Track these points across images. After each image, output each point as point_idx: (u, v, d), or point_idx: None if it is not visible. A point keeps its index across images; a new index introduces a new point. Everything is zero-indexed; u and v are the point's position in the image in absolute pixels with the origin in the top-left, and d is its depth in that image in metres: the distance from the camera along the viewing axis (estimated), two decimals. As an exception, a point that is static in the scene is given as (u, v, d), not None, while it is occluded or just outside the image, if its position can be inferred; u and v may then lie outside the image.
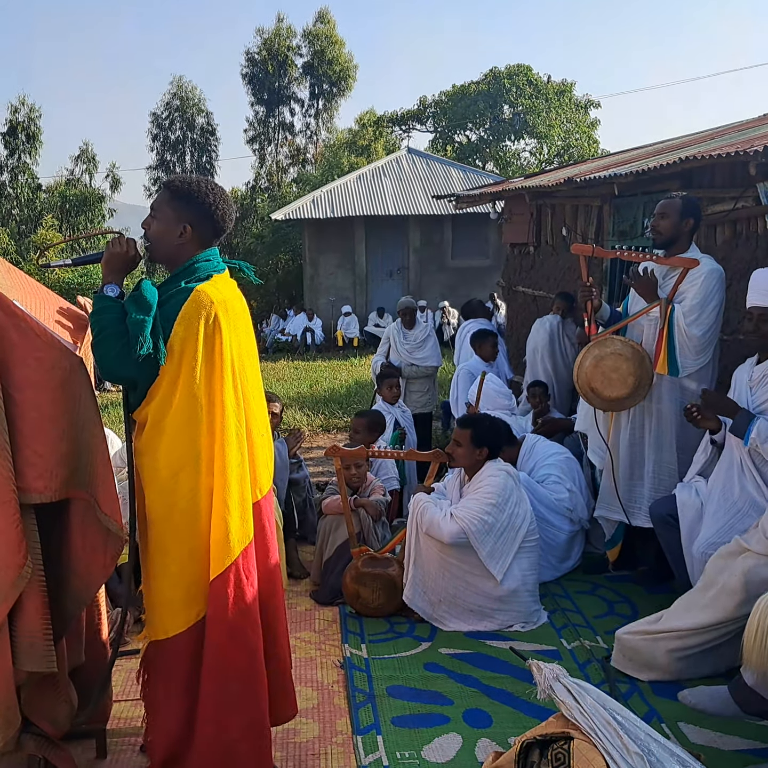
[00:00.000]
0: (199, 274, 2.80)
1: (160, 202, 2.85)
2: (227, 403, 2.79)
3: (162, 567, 2.83)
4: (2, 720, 2.72)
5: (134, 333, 2.63)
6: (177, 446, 2.75)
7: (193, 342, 2.71)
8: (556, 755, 2.85)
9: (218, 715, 2.83)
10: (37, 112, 32.87)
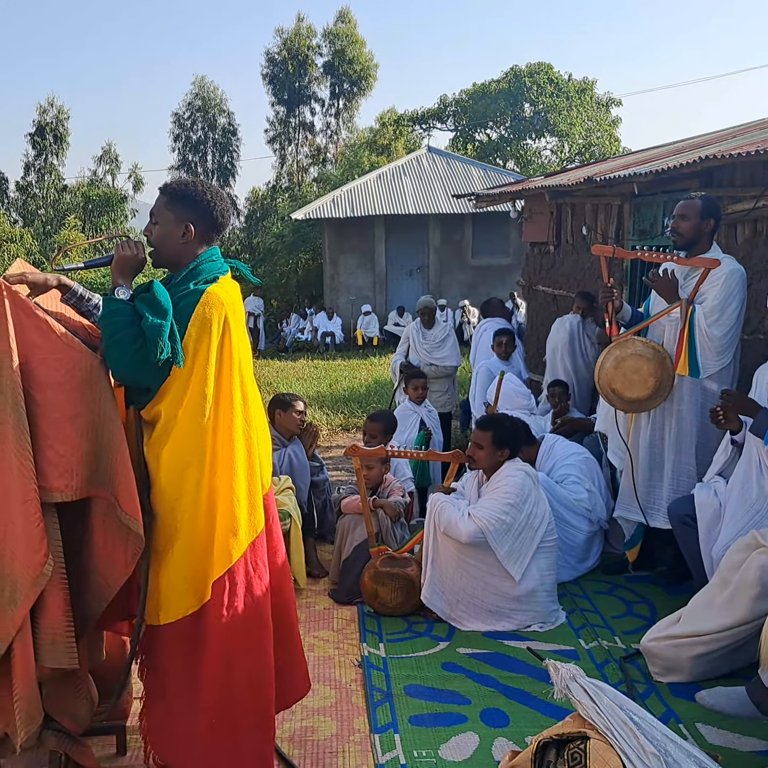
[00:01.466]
0: (206, 275, 2.85)
1: (159, 207, 2.88)
2: (235, 401, 2.86)
3: (165, 555, 2.87)
4: (24, 715, 2.76)
5: (152, 337, 2.66)
6: (185, 443, 2.80)
7: (206, 343, 2.77)
8: (572, 755, 2.86)
9: (222, 704, 2.87)
10: (66, 114, 33.19)
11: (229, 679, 2.88)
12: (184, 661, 2.90)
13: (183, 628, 2.88)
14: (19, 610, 2.68)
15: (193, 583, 2.86)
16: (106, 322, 2.76)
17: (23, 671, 2.73)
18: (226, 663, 2.87)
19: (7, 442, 2.64)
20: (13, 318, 2.65)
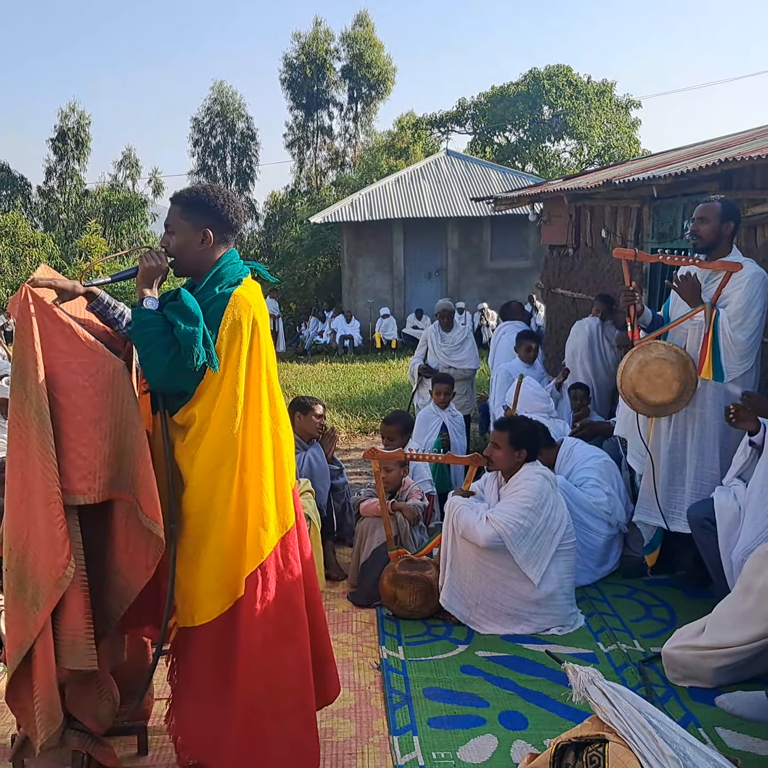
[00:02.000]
0: (229, 278, 2.92)
1: (174, 217, 2.94)
2: (263, 399, 2.94)
3: (197, 557, 2.91)
4: (45, 716, 2.79)
5: (187, 344, 2.72)
6: (218, 443, 2.86)
7: (237, 345, 2.84)
8: (591, 758, 2.86)
9: (257, 697, 2.92)
10: (87, 119, 33.48)
11: (264, 672, 2.93)
12: (218, 660, 2.94)
13: (217, 627, 2.93)
14: (41, 612, 2.72)
15: (226, 581, 2.91)
16: (139, 333, 2.82)
17: (44, 672, 2.77)
18: (261, 656, 2.93)
19: (32, 445, 2.68)
20: (38, 323, 2.70)
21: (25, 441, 2.69)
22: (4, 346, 12.47)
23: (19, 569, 2.76)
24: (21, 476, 2.72)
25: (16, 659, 2.78)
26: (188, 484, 2.90)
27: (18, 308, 2.71)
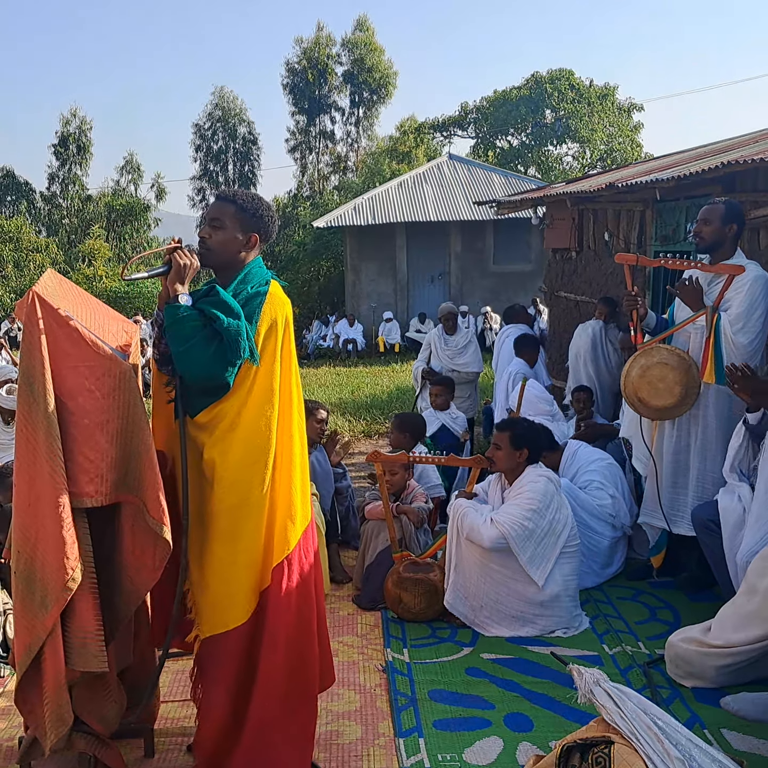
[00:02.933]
0: (259, 279, 3.01)
1: (226, 214, 2.98)
2: (293, 395, 3.05)
3: (233, 555, 2.94)
4: (54, 718, 2.81)
5: (232, 338, 2.79)
6: (252, 439, 2.91)
7: (273, 341, 2.93)
8: (596, 759, 2.86)
9: (277, 685, 2.98)
10: (88, 124, 33.54)
11: (286, 661, 2.99)
12: (249, 655, 2.98)
13: (249, 623, 2.97)
14: (49, 614, 2.74)
15: (257, 578, 2.96)
16: (177, 329, 2.84)
17: (53, 674, 2.78)
18: (284, 646, 2.99)
19: (39, 449, 2.70)
20: (45, 327, 2.71)
21: (33, 444, 2.71)
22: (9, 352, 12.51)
23: (28, 572, 2.77)
24: (29, 479, 2.74)
25: (25, 661, 2.80)
26: (221, 481, 2.91)
27: (25, 312, 2.72)
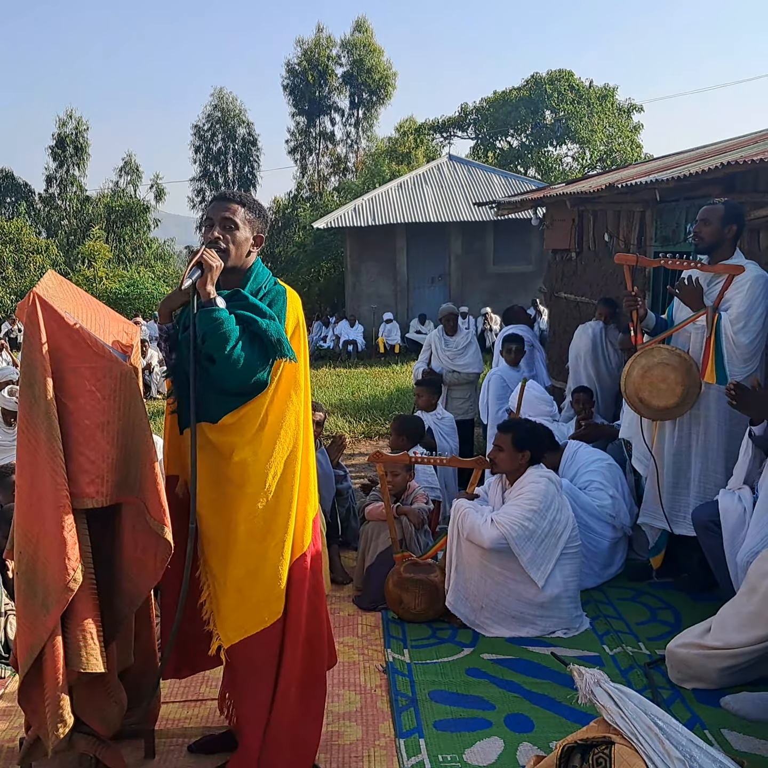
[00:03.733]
0: (267, 279, 3.05)
1: (237, 215, 2.96)
2: (308, 392, 3.10)
3: (263, 554, 2.96)
4: (56, 719, 2.80)
5: (274, 338, 2.82)
6: (281, 435, 2.94)
7: (296, 337, 2.98)
8: (597, 760, 2.86)
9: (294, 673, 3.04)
10: (85, 125, 33.52)
11: (305, 649, 3.06)
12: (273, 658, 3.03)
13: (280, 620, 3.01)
14: (51, 615, 2.74)
15: (286, 571, 3.00)
16: (223, 331, 2.78)
17: (54, 675, 2.78)
18: (303, 635, 3.05)
19: (40, 449, 2.70)
20: (45, 328, 2.72)
21: (34, 445, 2.71)
22: (10, 353, 12.52)
23: (30, 572, 2.77)
24: (30, 480, 2.74)
25: (27, 662, 2.80)
26: (253, 481, 2.91)
27: (26, 314, 2.73)
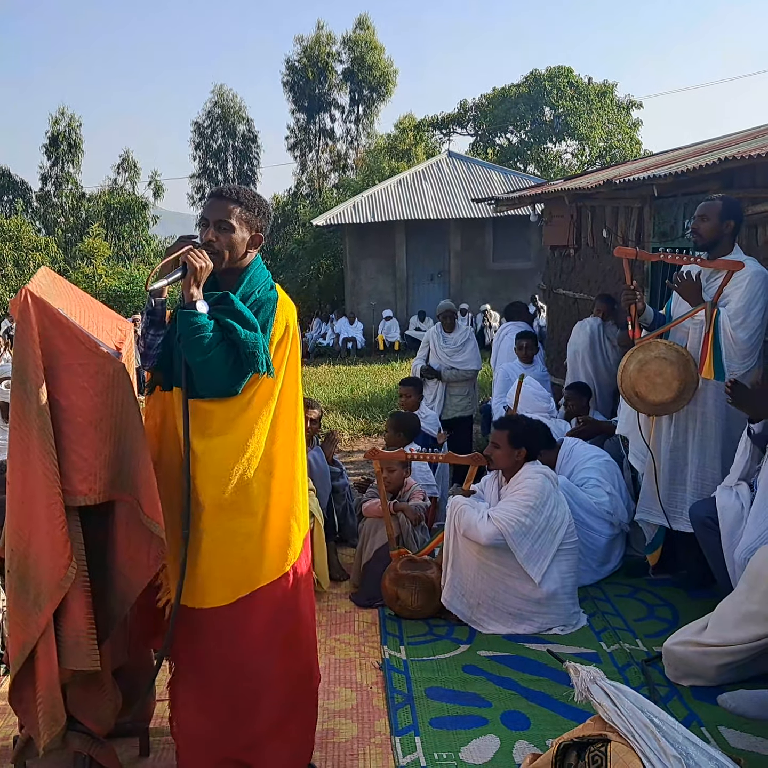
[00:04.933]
0: (264, 282, 2.91)
1: (232, 214, 2.83)
2: (299, 401, 3.01)
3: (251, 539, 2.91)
4: (47, 718, 2.80)
5: (251, 351, 2.70)
6: (243, 443, 2.82)
7: (283, 348, 2.86)
8: (593, 757, 2.85)
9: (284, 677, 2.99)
10: (78, 122, 33.44)
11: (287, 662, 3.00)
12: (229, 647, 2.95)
13: (216, 616, 2.90)
14: (43, 613, 2.73)
15: (236, 575, 2.90)
16: (197, 337, 2.69)
17: (46, 673, 2.77)
18: (285, 650, 2.98)
19: (33, 447, 2.69)
20: (38, 325, 2.70)
21: (26, 442, 2.70)
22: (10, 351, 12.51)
23: (21, 570, 2.76)
24: (22, 477, 2.73)
25: (19, 660, 2.79)
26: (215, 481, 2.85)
27: (18, 310, 2.71)
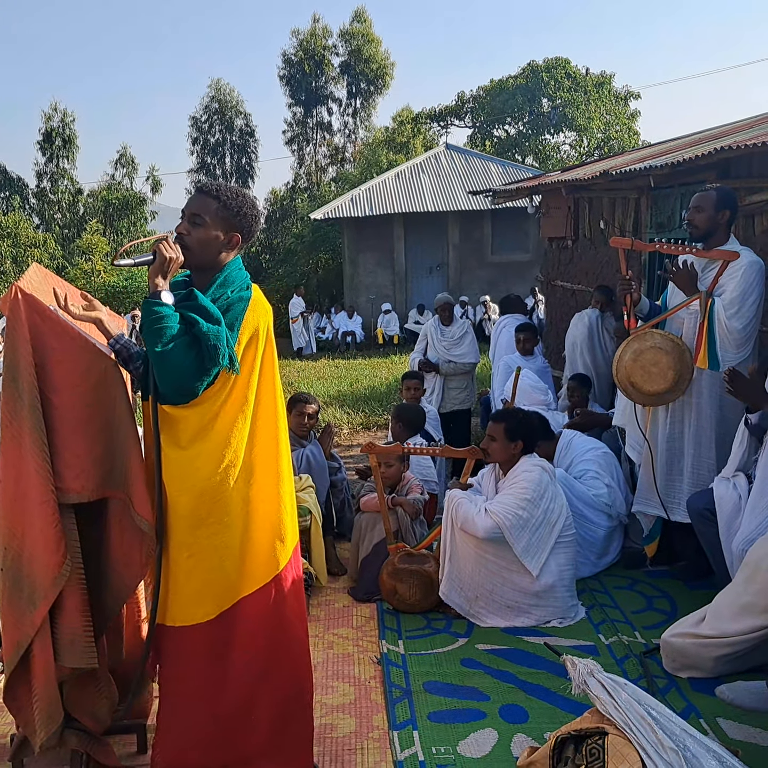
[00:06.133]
0: (240, 283, 2.83)
1: (206, 210, 2.77)
2: (278, 407, 2.89)
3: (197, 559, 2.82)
4: (44, 715, 2.80)
5: (212, 343, 2.61)
6: (220, 449, 2.74)
7: (253, 350, 2.77)
8: (590, 750, 2.85)
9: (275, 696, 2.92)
10: (71, 117, 33.28)
11: (269, 678, 2.91)
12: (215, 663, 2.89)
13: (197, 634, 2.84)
14: (38, 611, 2.73)
15: (216, 591, 2.82)
16: (158, 327, 2.62)
17: (42, 671, 2.77)
18: (271, 663, 2.90)
19: (25, 445, 2.68)
20: (28, 322, 2.69)
21: (18, 440, 2.69)
22: (5, 347, 12.50)
23: (15, 568, 2.75)
24: (15, 475, 2.72)
25: (14, 659, 2.79)
26: (186, 491, 2.77)
27: (9, 307, 2.70)
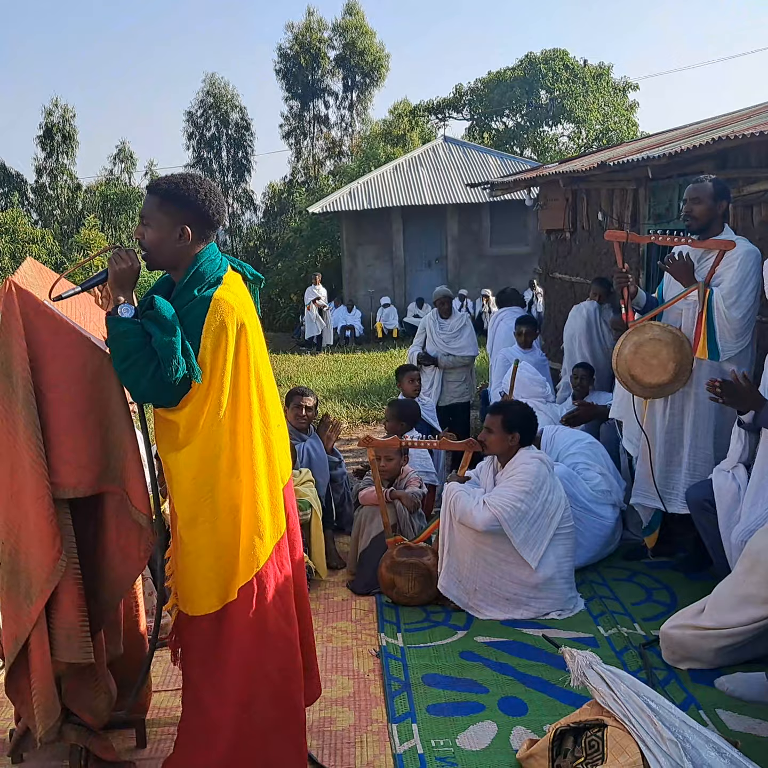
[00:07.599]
0: (209, 278, 2.75)
1: (151, 209, 2.74)
2: (253, 405, 2.81)
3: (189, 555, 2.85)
4: (43, 710, 2.79)
5: (166, 356, 2.58)
6: (203, 452, 2.74)
7: (222, 353, 2.69)
8: (589, 742, 2.85)
9: (252, 700, 2.86)
10: (71, 112, 33.25)
11: (260, 677, 2.87)
12: (209, 657, 2.89)
13: (204, 625, 2.86)
14: (34, 606, 2.72)
15: (216, 585, 2.83)
16: (118, 345, 2.65)
17: (40, 666, 2.77)
18: (256, 663, 2.86)
19: (19, 439, 2.67)
20: (22, 317, 2.68)
21: (13, 435, 2.68)
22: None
23: (12, 563, 2.75)
24: (10, 470, 2.71)
25: (13, 652, 2.79)
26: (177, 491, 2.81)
27: (2, 302, 2.69)
